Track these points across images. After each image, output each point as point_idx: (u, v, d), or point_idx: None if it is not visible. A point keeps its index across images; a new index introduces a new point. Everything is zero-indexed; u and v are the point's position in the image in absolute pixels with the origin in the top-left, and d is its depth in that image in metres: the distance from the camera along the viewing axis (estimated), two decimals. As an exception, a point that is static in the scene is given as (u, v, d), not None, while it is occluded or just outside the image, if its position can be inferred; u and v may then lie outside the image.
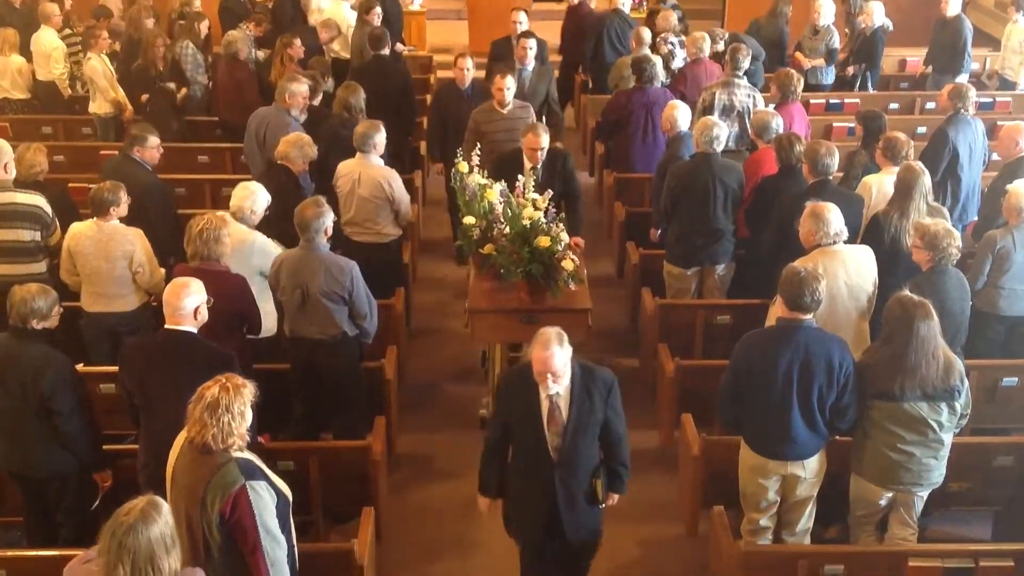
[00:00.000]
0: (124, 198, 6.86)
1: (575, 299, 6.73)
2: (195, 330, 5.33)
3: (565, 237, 6.51)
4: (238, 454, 4.33)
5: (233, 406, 4.26)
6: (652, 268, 8.38)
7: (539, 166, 7.54)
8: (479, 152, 7.22)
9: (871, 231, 6.86)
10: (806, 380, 5.33)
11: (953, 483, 5.98)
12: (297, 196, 7.06)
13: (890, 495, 5.54)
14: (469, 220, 6.87)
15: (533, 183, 7.05)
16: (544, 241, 6.39)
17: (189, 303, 5.28)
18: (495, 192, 6.85)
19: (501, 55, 10.63)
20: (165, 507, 3.74)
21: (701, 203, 7.60)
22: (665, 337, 7.56)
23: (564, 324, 6.06)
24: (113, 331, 6.98)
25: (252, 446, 4.72)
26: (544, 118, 9.73)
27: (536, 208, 6.64)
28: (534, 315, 6.57)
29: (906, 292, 5.46)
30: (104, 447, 5.84)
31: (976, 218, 8.28)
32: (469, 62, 9.42)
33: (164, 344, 5.35)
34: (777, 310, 5.59)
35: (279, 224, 6.92)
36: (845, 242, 6.27)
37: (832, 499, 5.83)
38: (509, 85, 8.63)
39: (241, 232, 6.73)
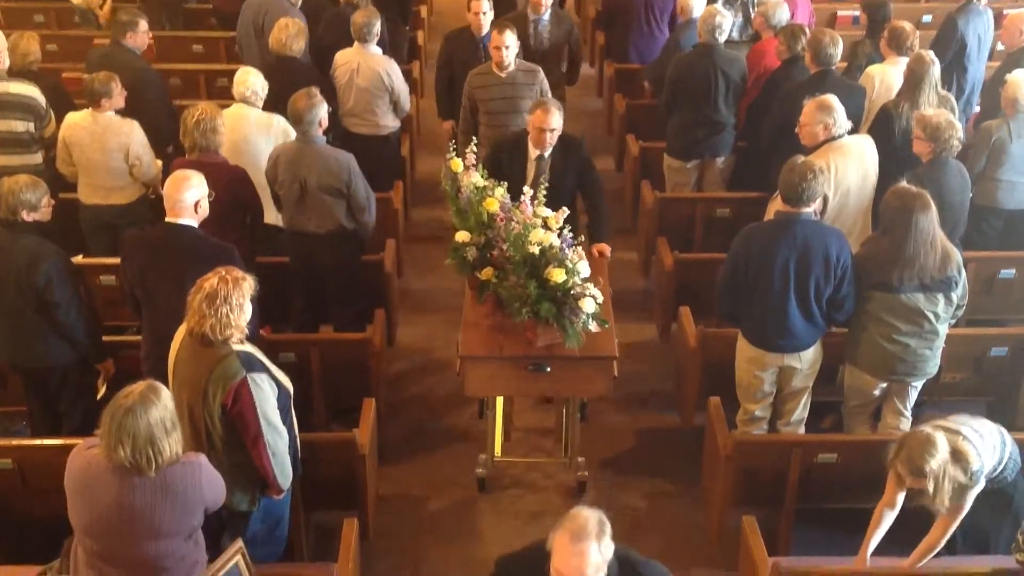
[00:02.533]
0: (117, 89, 6.78)
1: (597, 343, 5.33)
2: (195, 224, 5.31)
3: (585, 268, 5.17)
4: (239, 346, 4.36)
5: (231, 298, 4.27)
6: (652, 161, 8.34)
7: (547, 154, 6.20)
8: (474, 149, 5.81)
9: (880, 123, 6.78)
10: (804, 273, 5.34)
11: (947, 374, 6.05)
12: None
13: (884, 385, 5.61)
14: (462, 236, 5.49)
15: (543, 178, 5.98)
16: (557, 274, 5.04)
17: (190, 196, 5.25)
18: (497, 201, 5.48)
19: None
20: (165, 392, 3.78)
21: (702, 95, 7.52)
22: (664, 230, 7.55)
23: (583, 375, 5.39)
24: (111, 223, 6.97)
25: (253, 338, 4.77)
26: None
27: (547, 228, 5.32)
28: (544, 363, 5.38)
29: (904, 184, 5.45)
30: (105, 338, 5.87)
31: (979, 110, 8.21)
32: (486, 4, 7.79)
33: (164, 237, 5.34)
34: (776, 204, 5.57)
35: None
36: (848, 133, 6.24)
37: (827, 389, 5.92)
38: (508, 43, 7.10)
39: (261, 115, 6.73)
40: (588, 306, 5.06)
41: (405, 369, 7.20)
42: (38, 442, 5.36)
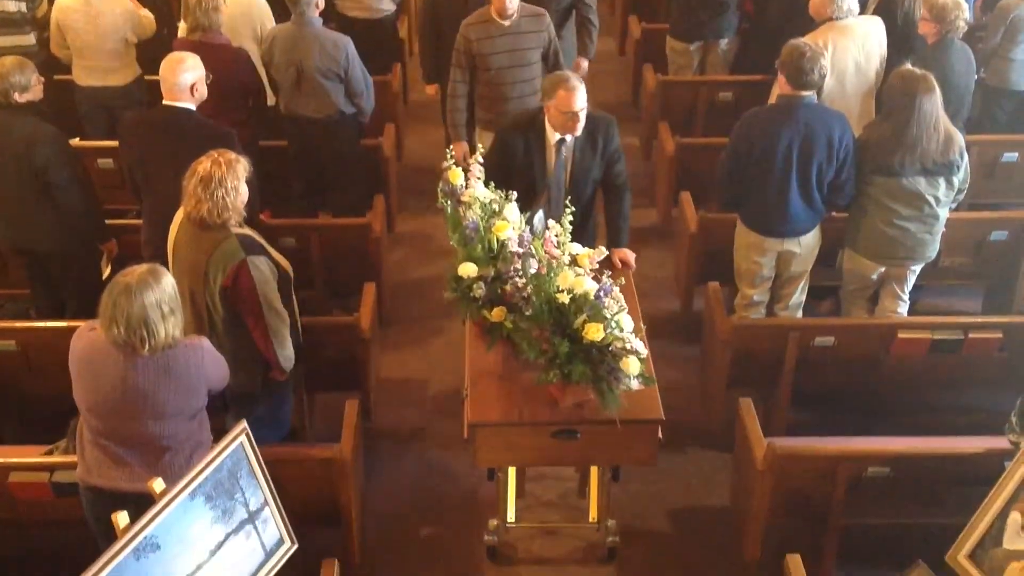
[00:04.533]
0: None
1: (639, 403, 4.26)
2: (193, 107, 5.26)
3: (628, 322, 4.05)
4: (237, 230, 4.36)
5: (226, 181, 4.25)
6: (654, 43, 8.22)
7: (570, 138, 5.07)
8: (479, 159, 4.68)
9: (883, 6, 6.67)
10: (806, 157, 5.31)
11: (946, 258, 6.06)
12: None
13: (883, 270, 5.62)
14: (467, 270, 4.44)
15: (563, 167, 5.09)
16: (594, 331, 3.97)
17: (185, 79, 5.19)
18: (509, 227, 4.42)
19: None
20: (167, 277, 3.79)
21: (705, -26, 7.39)
22: (666, 114, 7.49)
23: (622, 441, 4.36)
24: (107, 105, 6.92)
25: (252, 222, 4.76)
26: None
27: (577, 267, 4.21)
28: (573, 428, 4.33)
29: (908, 66, 5.38)
30: (106, 221, 5.87)
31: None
32: None
33: (162, 120, 5.30)
34: (778, 87, 5.52)
35: None
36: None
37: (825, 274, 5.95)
38: None
39: None
40: (632, 367, 4.02)
41: (405, 255, 7.22)
42: (41, 324, 5.41)
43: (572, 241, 4.26)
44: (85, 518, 4.10)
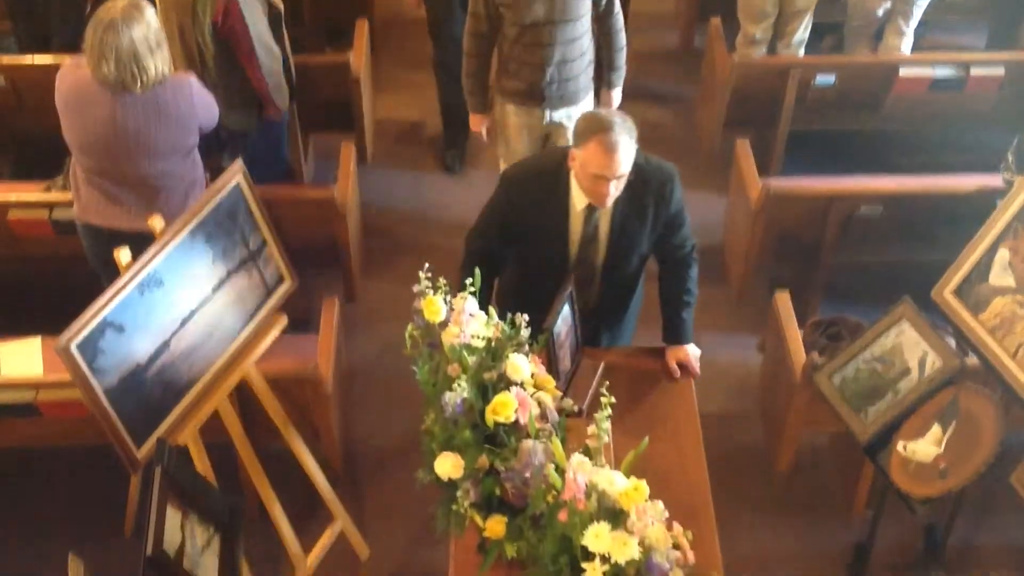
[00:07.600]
0: None
1: None
2: None
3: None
4: (224, -38, 4.21)
5: (208, -92, 4.08)
6: None
7: (605, 209, 3.49)
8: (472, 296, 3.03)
9: None
10: None
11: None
12: None
13: (888, 4, 5.48)
14: (447, 468, 2.87)
15: (594, 241, 3.58)
16: None
17: None
18: (513, 405, 2.82)
19: None
20: (149, 10, 3.69)
21: None
22: None
23: None
24: None
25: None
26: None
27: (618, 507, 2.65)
28: None
29: None
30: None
31: None
32: None
33: None
34: None
35: None
36: None
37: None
38: None
39: None
40: None
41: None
42: (30, 61, 5.29)
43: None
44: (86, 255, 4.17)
